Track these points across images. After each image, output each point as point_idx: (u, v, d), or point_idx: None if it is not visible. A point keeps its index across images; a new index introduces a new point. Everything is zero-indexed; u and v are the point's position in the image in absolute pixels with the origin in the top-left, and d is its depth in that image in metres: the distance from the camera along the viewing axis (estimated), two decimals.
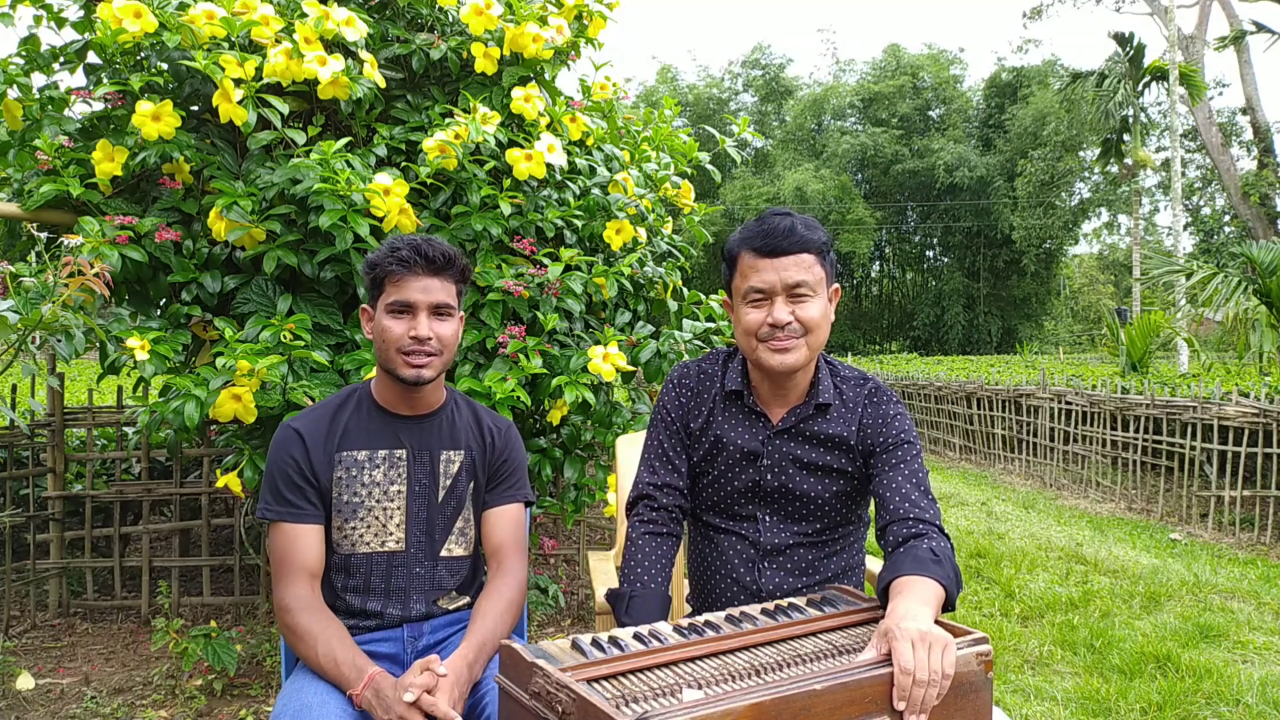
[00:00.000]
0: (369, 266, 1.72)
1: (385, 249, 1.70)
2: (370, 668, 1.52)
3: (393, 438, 1.74)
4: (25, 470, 3.72)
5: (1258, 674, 3.13)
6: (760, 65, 36.29)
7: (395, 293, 1.68)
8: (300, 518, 1.65)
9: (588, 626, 3.66)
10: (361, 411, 1.75)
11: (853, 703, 1.14)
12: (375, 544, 1.71)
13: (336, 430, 1.71)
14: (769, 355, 1.61)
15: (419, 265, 1.67)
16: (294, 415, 1.78)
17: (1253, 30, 19.91)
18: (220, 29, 2.75)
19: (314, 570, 1.65)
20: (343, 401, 1.77)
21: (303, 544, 1.64)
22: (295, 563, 1.63)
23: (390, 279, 1.68)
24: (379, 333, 1.70)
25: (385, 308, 1.69)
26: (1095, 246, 43.47)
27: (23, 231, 3.11)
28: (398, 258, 1.67)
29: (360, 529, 1.70)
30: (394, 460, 1.73)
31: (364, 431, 1.73)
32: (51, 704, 2.89)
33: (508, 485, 1.82)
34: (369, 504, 1.70)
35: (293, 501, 1.65)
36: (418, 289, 1.68)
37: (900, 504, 1.55)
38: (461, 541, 1.78)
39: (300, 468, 1.66)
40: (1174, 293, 10.83)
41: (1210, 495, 5.79)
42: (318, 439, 1.69)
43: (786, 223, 1.60)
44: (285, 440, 1.69)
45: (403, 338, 1.67)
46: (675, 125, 4.08)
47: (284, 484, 1.66)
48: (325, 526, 1.69)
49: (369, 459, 1.71)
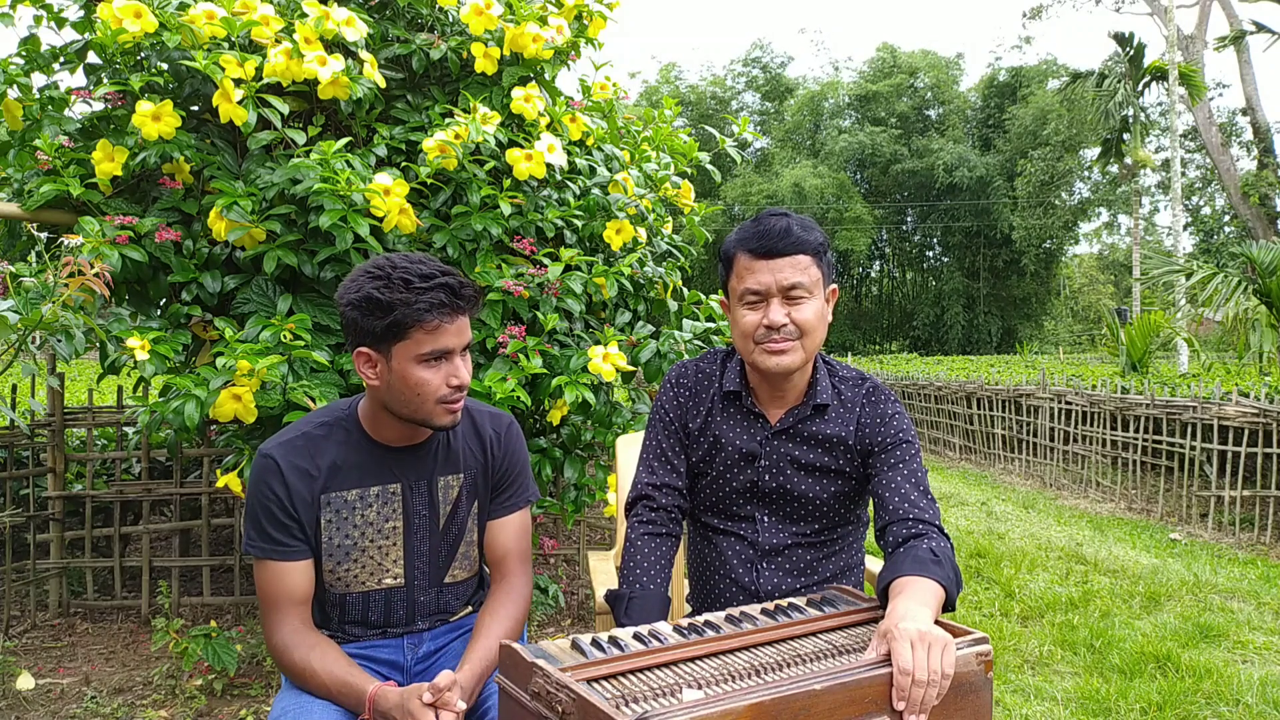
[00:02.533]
0: (380, 309, 1.45)
1: (399, 286, 1.45)
2: (368, 687, 1.46)
3: (385, 471, 1.59)
4: (25, 470, 3.72)
5: (1258, 674, 3.13)
6: (761, 64, 36.32)
7: (430, 342, 1.47)
8: (287, 555, 1.54)
9: (588, 626, 3.66)
10: (349, 445, 1.58)
11: (852, 703, 1.14)
12: (372, 583, 1.61)
13: (321, 468, 1.55)
14: (765, 357, 1.61)
15: (457, 308, 1.48)
16: (273, 437, 1.59)
17: (1253, 30, 19.91)
18: (220, 29, 2.75)
19: (303, 601, 1.57)
20: (327, 431, 1.58)
21: (291, 581, 1.55)
22: (284, 599, 1.55)
23: (422, 327, 1.46)
24: (409, 385, 1.49)
25: (417, 359, 1.48)
26: (1095, 246, 43.54)
27: (23, 231, 3.11)
28: (432, 302, 1.45)
29: (355, 570, 1.59)
30: (387, 495, 1.59)
31: (352, 468, 1.57)
32: (51, 704, 2.89)
33: (510, 493, 1.72)
34: (363, 544, 1.59)
35: (278, 540, 1.53)
36: (453, 333, 1.49)
37: (900, 504, 1.55)
38: (465, 564, 1.71)
39: (283, 504, 1.53)
40: (1174, 293, 10.83)
41: (1210, 495, 5.79)
42: (298, 476, 1.53)
43: (782, 224, 1.59)
44: (264, 472, 1.53)
45: (441, 388, 1.50)
46: (676, 125, 4.08)
47: (267, 520, 1.53)
48: (317, 569, 1.60)
49: (360, 498, 1.58)
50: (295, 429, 1.60)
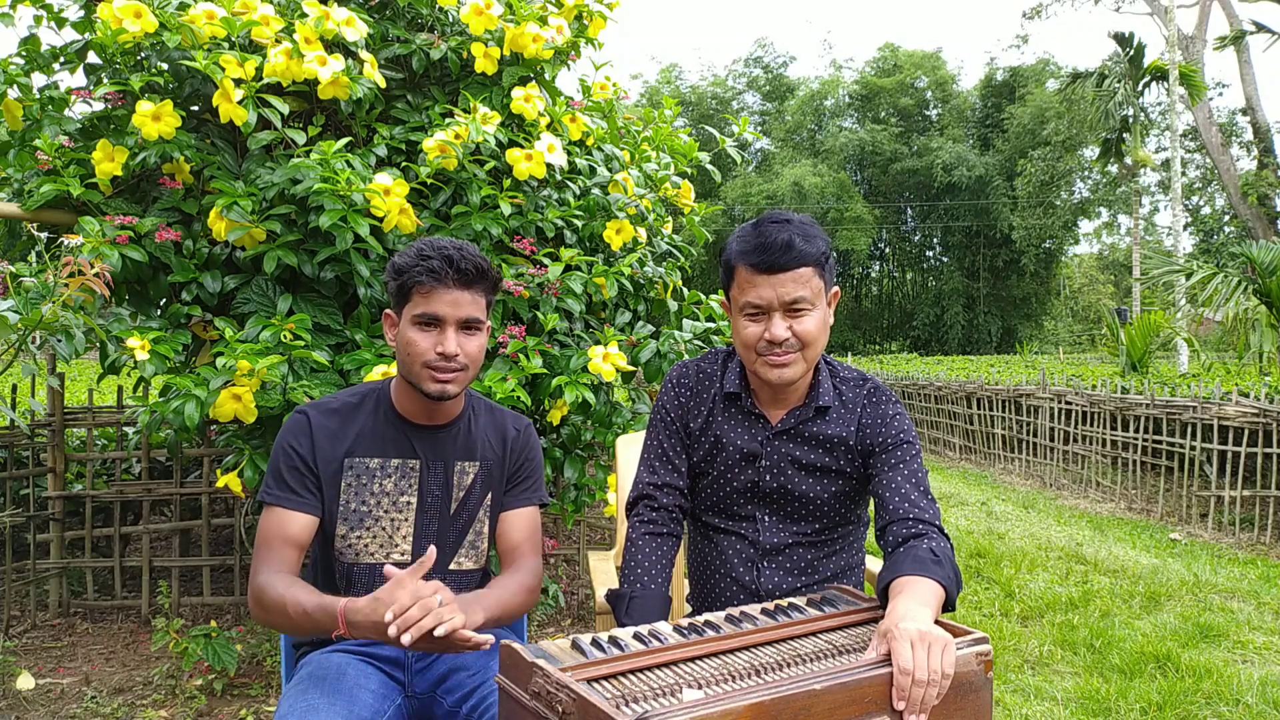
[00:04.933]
0: (395, 272, 1.62)
1: (414, 254, 1.60)
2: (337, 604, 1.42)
3: (407, 446, 1.68)
4: (25, 470, 3.72)
5: (1258, 674, 3.13)
6: (762, 64, 36.32)
7: (423, 304, 1.59)
8: (296, 505, 1.61)
9: (588, 626, 3.66)
10: (378, 416, 1.69)
11: (852, 703, 1.14)
12: (380, 555, 1.66)
13: (350, 432, 1.66)
14: (766, 370, 1.61)
15: (450, 277, 1.58)
16: (314, 400, 1.73)
17: (1253, 30, 19.91)
18: (220, 29, 2.75)
19: (296, 549, 1.60)
20: (360, 401, 1.70)
21: (291, 529, 1.60)
22: (278, 542, 1.58)
23: (419, 289, 1.59)
24: (404, 344, 1.62)
25: (411, 319, 1.61)
26: (1095, 246, 43.53)
27: (23, 231, 3.11)
28: (427, 267, 1.58)
29: (365, 539, 1.66)
30: (406, 470, 1.68)
31: (378, 438, 1.67)
32: (51, 704, 2.89)
33: (524, 488, 1.79)
34: (376, 514, 1.66)
35: (293, 488, 1.61)
36: (446, 302, 1.59)
37: (900, 504, 1.55)
38: (472, 554, 1.74)
39: (305, 459, 1.62)
40: (1174, 293, 10.84)
41: (1210, 495, 5.79)
42: (328, 435, 1.64)
43: (784, 236, 1.55)
44: (296, 426, 1.64)
45: (429, 352, 1.60)
46: (676, 125, 4.08)
47: (287, 469, 1.62)
48: (329, 535, 1.65)
49: (380, 467, 1.66)
50: (333, 397, 1.72)
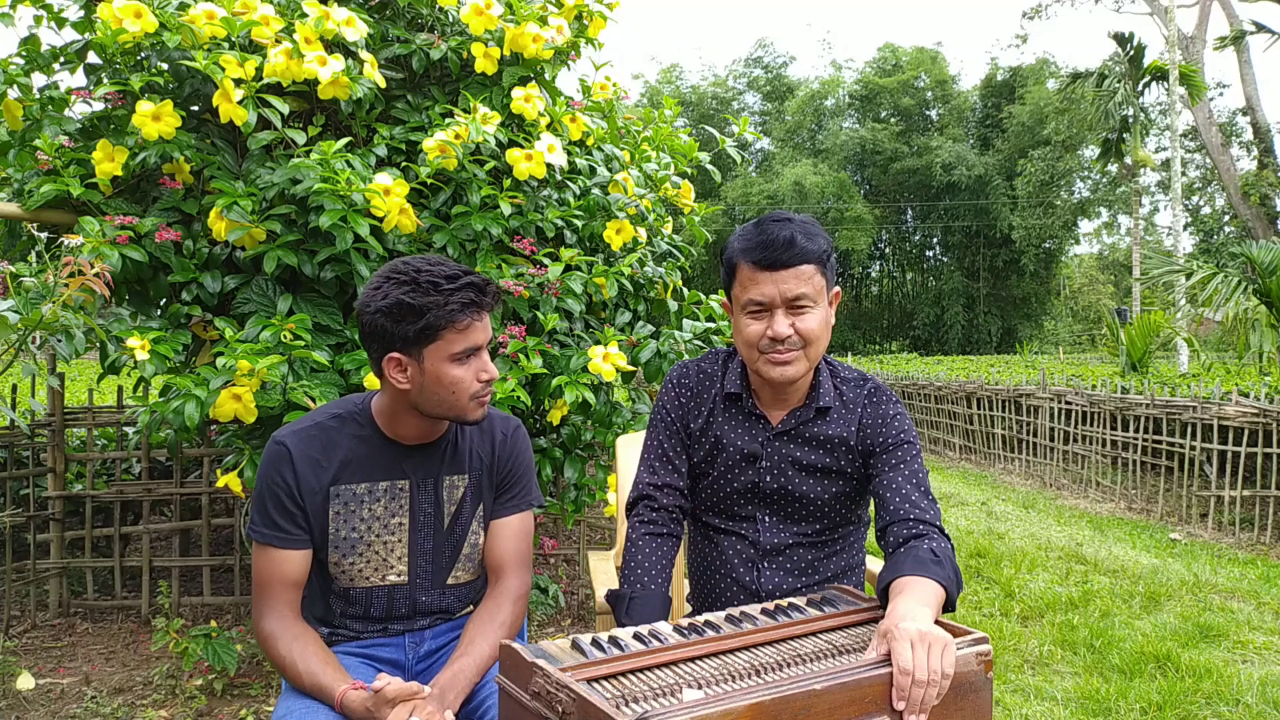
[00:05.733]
0: (413, 314, 1.49)
1: (430, 291, 1.49)
2: (339, 686, 1.47)
3: (394, 467, 1.62)
4: (25, 470, 3.72)
5: (1258, 674, 3.13)
6: (763, 64, 36.32)
7: (462, 341, 1.52)
8: (287, 543, 1.57)
9: (588, 626, 3.66)
10: (362, 438, 1.61)
11: (852, 703, 1.14)
12: (376, 579, 1.63)
13: (333, 458, 1.59)
14: (769, 368, 1.60)
15: (486, 304, 1.54)
16: (287, 425, 1.64)
17: (1253, 30, 19.93)
18: (220, 29, 2.75)
19: (294, 588, 1.60)
20: (340, 424, 1.61)
21: (287, 568, 1.58)
22: (276, 584, 1.57)
23: (454, 327, 1.51)
24: (443, 384, 1.53)
25: (450, 358, 1.52)
26: (1095, 246, 43.56)
27: (23, 231, 3.11)
28: (460, 302, 1.50)
29: (359, 564, 1.62)
30: (396, 491, 1.62)
31: (363, 462, 1.60)
32: (51, 704, 2.89)
33: (512, 495, 1.73)
34: (369, 539, 1.61)
35: (282, 526, 1.57)
36: (481, 330, 1.55)
37: (900, 504, 1.55)
38: (469, 567, 1.71)
39: (290, 492, 1.56)
40: (1174, 293, 10.83)
41: (1210, 495, 5.79)
42: (309, 465, 1.57)
43: (786, 233, 1.56)
44: (276, 459, 1.57)
45: (474, 383, 1.55)
46: (676, 125, 4.08)
47: (274, 507, 1.56)
48: (322, 561, 1.63)
49: (369, 491, 1.61)
50: (309, 419, 1.63)
